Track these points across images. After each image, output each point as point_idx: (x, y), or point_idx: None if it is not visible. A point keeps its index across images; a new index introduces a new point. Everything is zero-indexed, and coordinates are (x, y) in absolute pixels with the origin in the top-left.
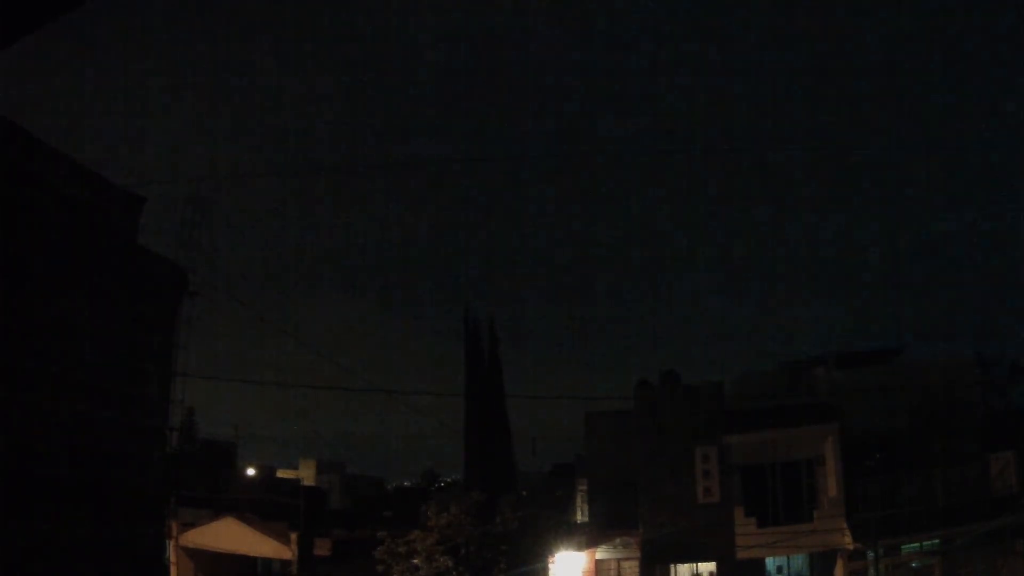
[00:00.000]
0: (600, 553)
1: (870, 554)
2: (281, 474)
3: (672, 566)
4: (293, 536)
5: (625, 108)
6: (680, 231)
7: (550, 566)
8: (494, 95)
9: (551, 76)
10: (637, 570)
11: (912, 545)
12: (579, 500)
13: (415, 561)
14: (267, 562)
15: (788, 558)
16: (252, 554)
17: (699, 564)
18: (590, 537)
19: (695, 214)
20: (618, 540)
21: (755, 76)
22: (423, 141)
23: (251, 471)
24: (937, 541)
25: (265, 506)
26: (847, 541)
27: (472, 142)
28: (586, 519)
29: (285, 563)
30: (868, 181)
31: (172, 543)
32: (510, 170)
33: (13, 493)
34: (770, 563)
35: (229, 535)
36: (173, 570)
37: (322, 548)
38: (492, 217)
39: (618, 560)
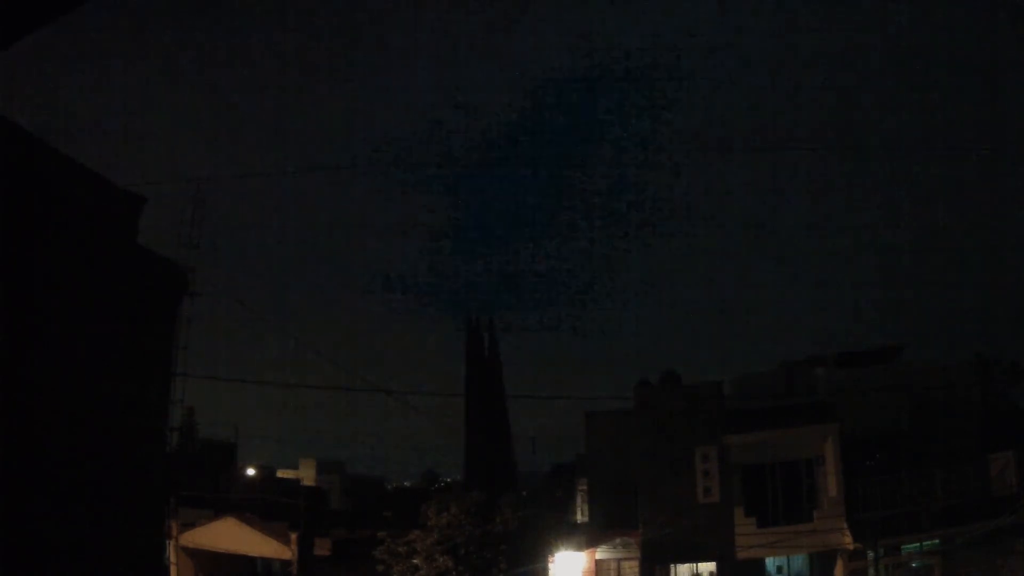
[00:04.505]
0: (600, 553)
1: (870, 554)
2: (281, 474)
3: (672, 566)
4: (293, 536)
5: (624, 105)
6: (681, 229)
7: (550, 566)
8: (493, 94)
9: (549, 72)
10: (637, 570)
11: (912, 545)
12: (579, 500)
13: (415, 561)
14: (267, 562)
15: (788, 558)
16: (252, 554)
17: (699, 564)
18: (590, 537)
19: (696, 212)
20: (618, 540)
21: (753, 71)
22: (424, 140)
23: (251, 471)
24: (937, 541)
25: (265, 506)
26: (847, 541)
27: (473, 140)
28: (586, 519)
29: (285, 563)
30: (868, 179)
31: (172, 543)
32: (510, 168)
33: (12, 493)
34: (770, 563)
35: (229, 535)
36: (173, 570)
37: (322, 548)
38: (494, 216)
39: (618, 560)
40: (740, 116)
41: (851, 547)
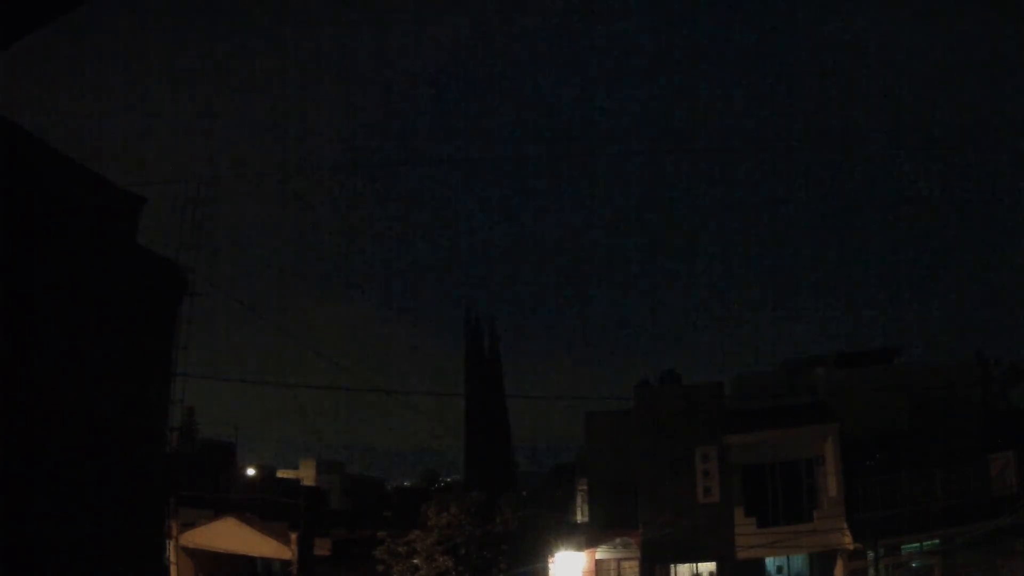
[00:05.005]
0: (600, 553)
1: (870, 554)
2: (281, 474)
3: (672, 566)
4: (293, 536)
5: (623, 105)
6: (680, 229)
7: (550, 566)
8: (494, 93)
9: (552, 73)
10: (637, 570)
11: (912, 545)
12: (579, 500)
13: (415, 561)
14: (267, 562)
15: (788, 558)
16: (252, 554)
17: (699, 564)
18: (590, 537)
19: (695, 213)
20: (618, 540)
21: (757, 74)
22: (423, 140)
23: (251, 471)
24: (937, 541)
25: (265, 506)
26: (847, 541)
27: (472, 140)
28: (586, 519)
29: (285, 563)
30: (869, 179)
31: (172, 543)
32: (510, 169)
33: (12, 493)
34: (770, 563)
35: (229, 535)
36: (173, 570)
37: (322, 548)
38: (492, 216)
39: (618, 560)
40: (738, 116)
41: (851, 547)
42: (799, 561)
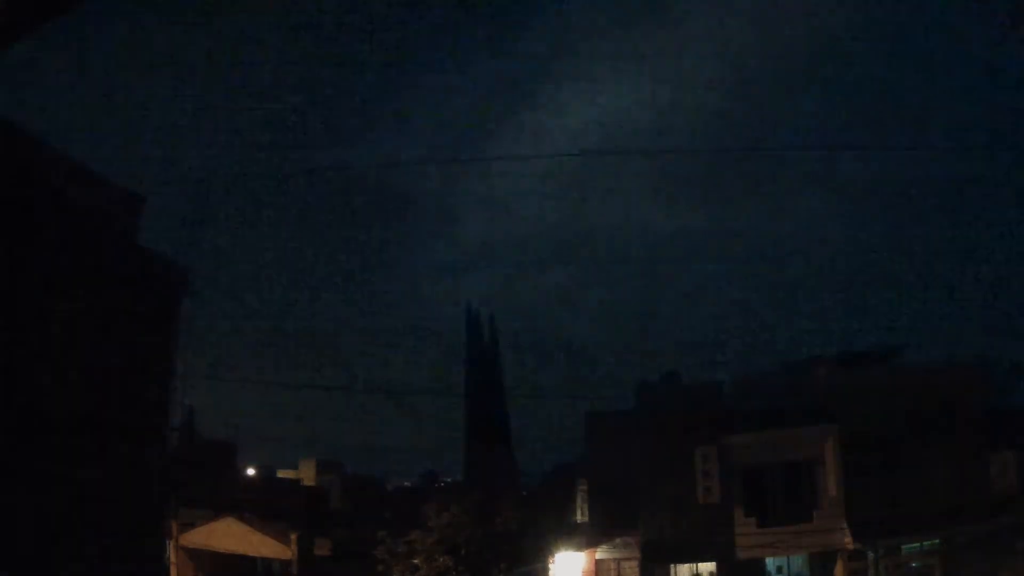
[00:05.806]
0: (600, 553)
1: (870, 554)
2: (281, 474)
3: (672, 566)
4: (293, 536)
5: (621, 103)
6: (680, 228)
7: (550, 566)
8: (492, 94)
9: (550, 69)
10: (637, 570)
11: (912, 545)
12: (579, 500)
13: (415, 561)
14: (267, 562)
15: (788, 558)
16: (252, 554)
17: (699, 564)
18: (590, 537)
19: (694, 212)
20: (618, 540)
21: (757, 70)
22: (421, 140)
23: (251, 471)
24: (937, 541)
25: (265, 506)
26: (847, 541)
27: (471, 139)
28: (586, 519)
29: (285, 563)
30: (870, 178)
31: (172, 543)
32: (509, 168)
33: (12, 493)
34: (770, 563)
35: (229, 535)
36: (173, 570)
37: (322, 548)
38: (492, 215)
39: (618, 560)
40: (736, 115)
41: (851, 547)
42: (799, 561)
